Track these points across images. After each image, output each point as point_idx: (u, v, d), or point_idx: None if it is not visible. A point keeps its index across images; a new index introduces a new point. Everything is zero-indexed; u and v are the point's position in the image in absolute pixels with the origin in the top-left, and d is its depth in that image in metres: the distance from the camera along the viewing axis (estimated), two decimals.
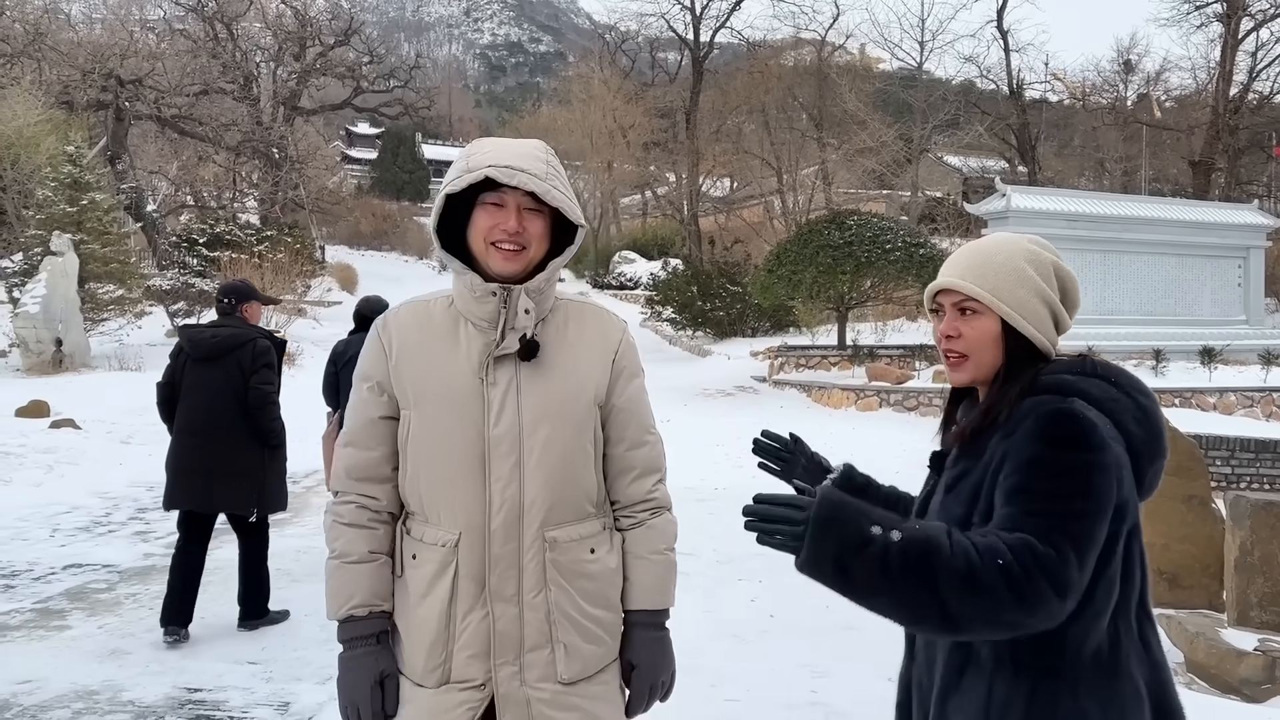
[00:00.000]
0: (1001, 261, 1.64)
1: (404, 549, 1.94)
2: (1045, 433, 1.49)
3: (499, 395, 1.87)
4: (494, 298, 1.87)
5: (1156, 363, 17.07)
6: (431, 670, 1.87)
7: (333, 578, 1.92)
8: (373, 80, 37.62)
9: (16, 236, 18.77)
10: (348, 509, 1.93)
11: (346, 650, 1.89)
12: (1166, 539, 5.81)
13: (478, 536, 1.85)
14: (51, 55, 27.47)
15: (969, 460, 1.62)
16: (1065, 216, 19.14)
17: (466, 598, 1.86)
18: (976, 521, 1.55)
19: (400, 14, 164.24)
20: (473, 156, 1.87)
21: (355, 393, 1.97)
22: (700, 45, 34.35)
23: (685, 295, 24.43)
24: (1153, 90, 37.44)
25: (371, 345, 1.96)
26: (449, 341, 1.91)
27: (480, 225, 1.87)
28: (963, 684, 1.58)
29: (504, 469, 1.85)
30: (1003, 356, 1.63)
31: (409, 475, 1.92)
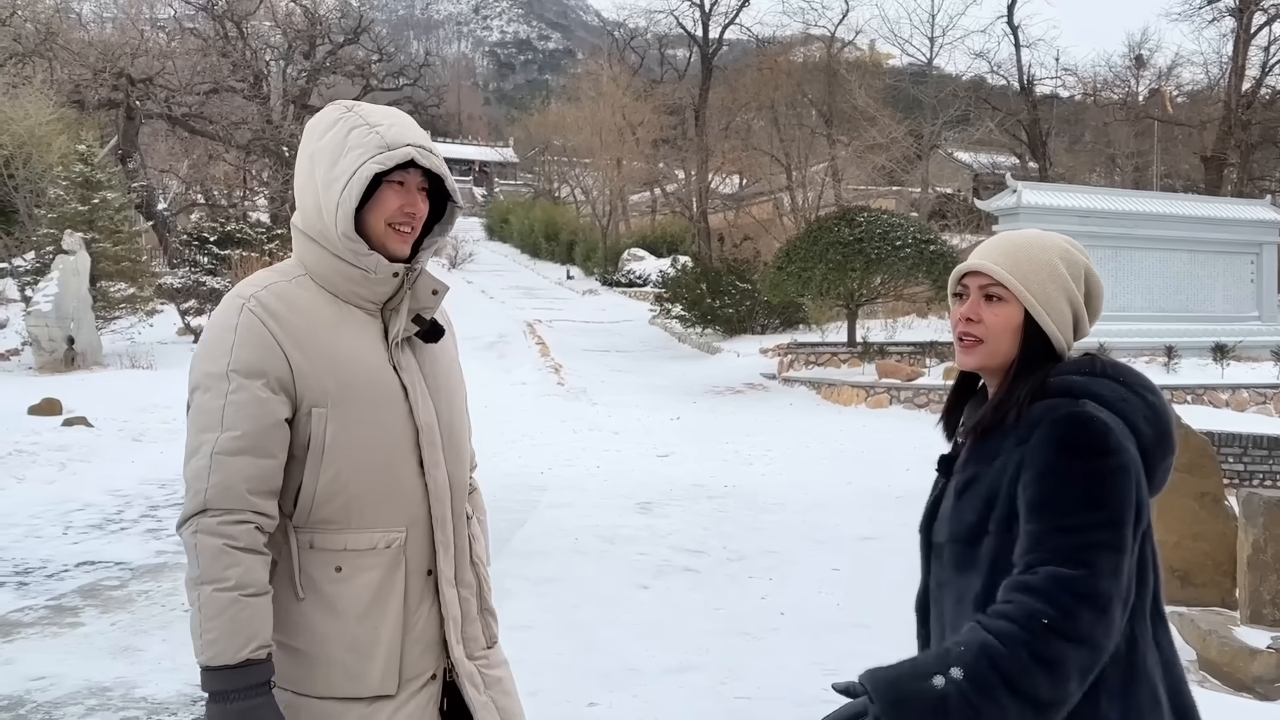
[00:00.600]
0: (1036, 254, 1.62)
1: (312, 564, 1.73)
2: (1061, 439, 1.47)
3: (413, 380, 1.82)
4: (395, 279, 1.80)
5: (1168, 359, 17.01)
6: (389, 677, 1.76)
7: (228, 614, 1.61)
8: (382, 78, 37.68)
9: (29, 235, 18.85)
10: (243, 530, 1.64)
11: (239, 700, 1.60)
12: (1179, 536, 5.79)
13: (422, 529, 1.80)
14: (63, 54, 27.60)
15: (979, 464, 1.59)
16: (1076, 213, 19.06)
17: (415, 592, 1.80)
18: (993, 530, 1.53)
19: (409, 12, 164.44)
20: (382, 129, 1.76)
21: (239, 392, 1.67)
22: (709, 42, 34.30)
23: (694, 292, 24.40)
24: (1164, 85, 37.25)
25: (252, 335, 1.70)
26: (342, 327, 1.78)
27: (389, 205, 1.77)
28: None
29: (434, 455, 1.82)
30: (1018, 349, 1.61)
31: (328, 480, 1.72)
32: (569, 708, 4.18)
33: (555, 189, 58.00)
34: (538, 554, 6.93)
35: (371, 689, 1.74)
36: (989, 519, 1.54)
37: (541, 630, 5.22)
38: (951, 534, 1.60)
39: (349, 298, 1.80)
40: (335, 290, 1.80)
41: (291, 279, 1.80)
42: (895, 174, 31.82)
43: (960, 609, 1.58)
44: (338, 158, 1.76)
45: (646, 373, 19.81)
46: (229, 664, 1.60)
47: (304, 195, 1.83)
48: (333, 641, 1.73)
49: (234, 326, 1.71)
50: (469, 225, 58.39)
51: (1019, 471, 1.50)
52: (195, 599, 1.63)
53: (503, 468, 10.52)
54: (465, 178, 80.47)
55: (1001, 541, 1.52)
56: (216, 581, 1.62)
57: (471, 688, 1.86)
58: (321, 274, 1.80)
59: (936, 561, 1.66)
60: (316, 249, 1.80)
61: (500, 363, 19.95)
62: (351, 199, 1.73)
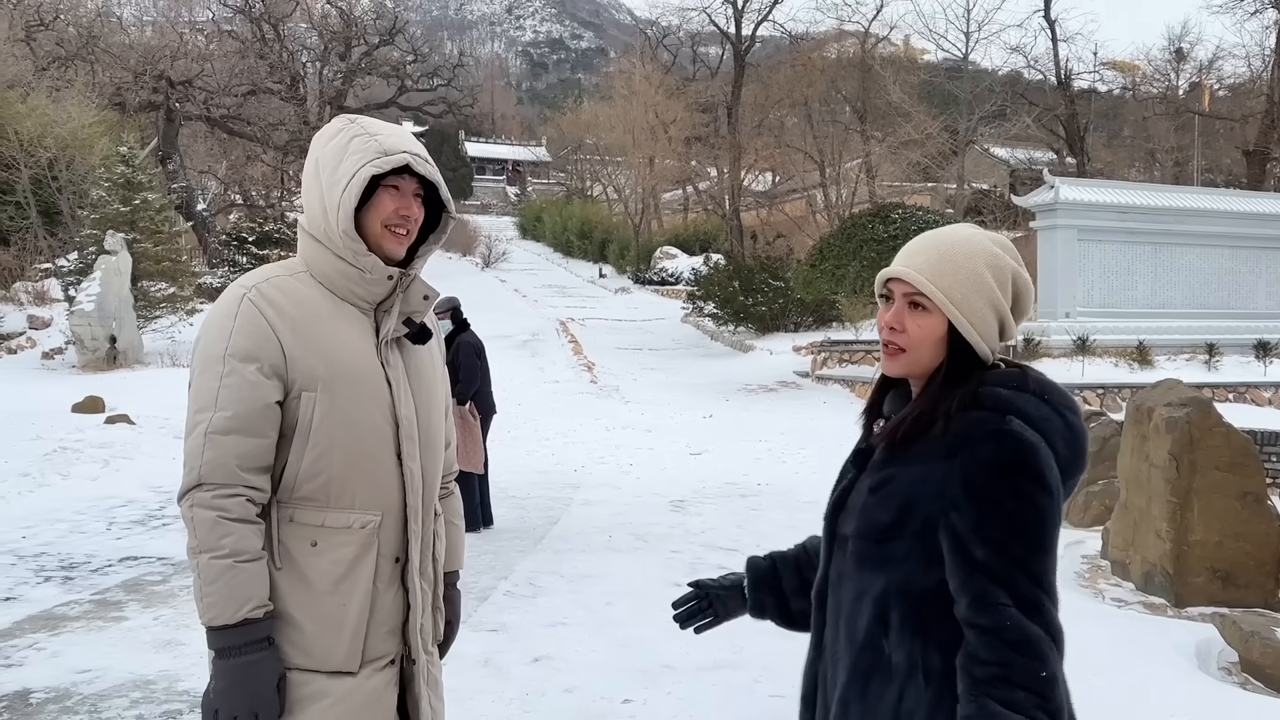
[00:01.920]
0: (961, 262, 1.59)
1: (290, 537, 1.86)
2: (995, 461, 1.48)
3: (398, 376, 1.94)
4: (390, 281, 1.92)
5: (1210, 357, 16.75)
6: (353, 654, 1.86)
7: (224, 579, 1.76)
8: (417, 79, 37.94)
9: (72, 236, 19.18)
10: (235, 503, 1.79)
11: (240, 655, 1.76)
12: (1221, 536, 5.71)
13: (395, 516, 1.92)
14: (104, 58, 28.04)
15: (898, 465, 1.59)
16: (1115, 208, 18.80)
17: (384, 576, 1.91)
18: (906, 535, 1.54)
19: (443, 12, 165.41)
20: (381, 137, 1.90)
21: (232, 375, 1.80)
22: (742, 39, 34.19)
23: (727, 290, 24.34)
24: (1205, 79, 36.65)
25: (250, 323, 1.83)
26: (336, 321, 1.90)
27: (385, 209, 1.90)
28: (869, 690, 1.57)
29: (412, 448, 1.93)
30: (943, 357, 1.60)
31: (312, 460, 1.84)
32: (604, 704, 4.20)
33: (588, 187, 58.07)
34: (572, 551, 6.96)
35: (335, 663, 1.85)
36: (903, 524, 1.55)
37: (576, 627, 5.24)
38: (860, 530, 1.61)
39: (345, 295, 1.92)
40: (333, 287, 1.92)
41: (293, 274, 1.93)
42: (930, 170, 31.56)
43: (859, 605, 1.60)
44: (339, 162, 1.88)
45: (679, 371, 19.80)
46: (228, 623, 1.76)
47: (310, 198, 1.94)
48: (303, 611, 1.84)
49: (234, 314, 1.84)
50: (502, 224, 58.61)
51: (943, 485, 1.51)
52: (195, 566, 1.78)
53: (536, 465, 10.57)
54: (498, 177, 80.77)
55: (912, 548, 1.54)
56: (212, 550, 1.76)
57: (421, 681, 1.98)
58: (322, 271, 1.93)
59: (839, 553, 1.66)
60: (319, 248, 1.92)
61: (533, 361, 20.03)
62: (351, 198, 1.85)
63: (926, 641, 1.53)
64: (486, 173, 79.42)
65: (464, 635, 5.05)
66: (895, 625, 1.56)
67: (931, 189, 32.34)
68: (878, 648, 1.58)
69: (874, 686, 1.57)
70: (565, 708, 4.16)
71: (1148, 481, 6.03)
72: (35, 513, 7.91)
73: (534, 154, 75.62)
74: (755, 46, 35.93)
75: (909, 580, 1.54)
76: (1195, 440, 5.78)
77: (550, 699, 4.25)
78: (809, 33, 36.60)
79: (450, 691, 4.25)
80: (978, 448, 1.49)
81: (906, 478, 1.56)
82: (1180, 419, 5.82)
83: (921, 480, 1.54)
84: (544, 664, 4.67)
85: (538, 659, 4.73)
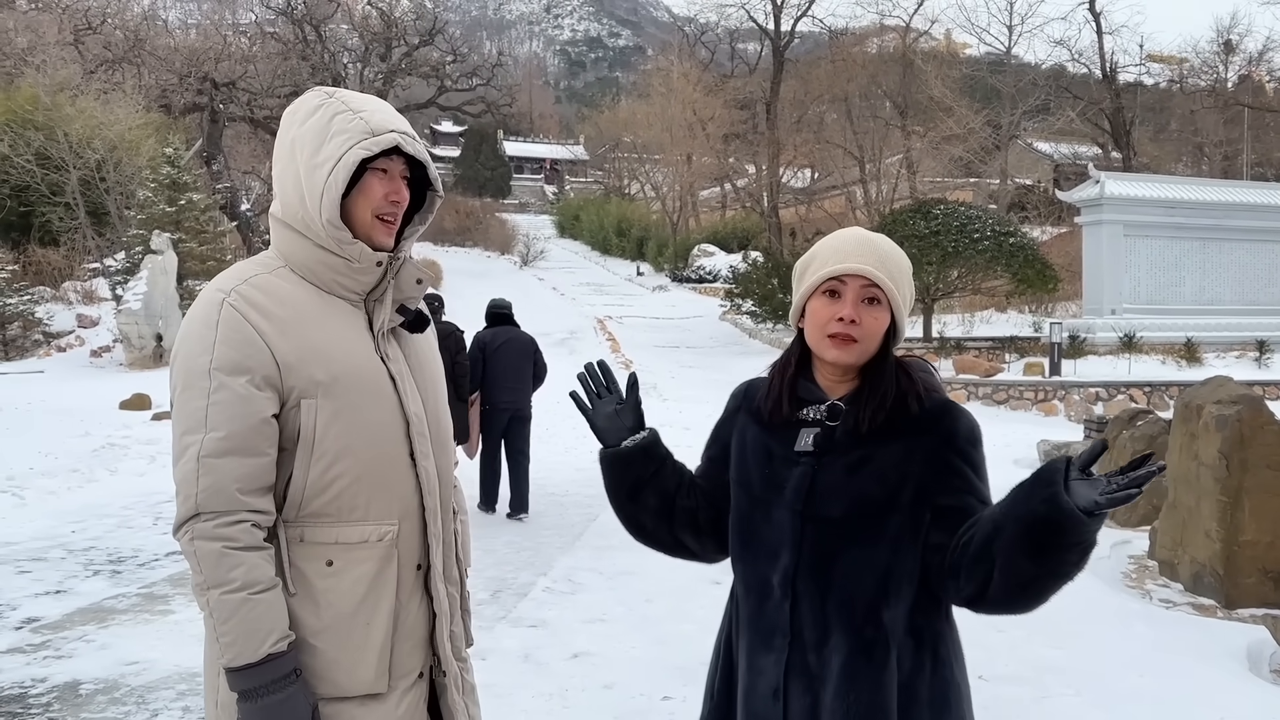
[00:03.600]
0: (900, 260, 1.76)
1: (302, 558, 1.69)
2: (970, 432, 1.71)
3: (400, 371, 1.80)
4: (379, 268, 1.76)
5: (1260, 354, 16.42)
6: (381, 675, 1.72)
7: (241, 614, 1.59)
8: (456, 79, 38.12)
9: (119, 236, 19.52)
10: (240, 530, 1.61)
11: (270, 695, 1.60)
12: (1273, 537, 5.60)
13: (414, 522, 1.78)
14: (150, 61, 28.50)
15: (873, 444, 1.69)
16: (1162, 203, 18.48)
17: (406, 587, 1.77)
18: (902, 505, 1.66)
19: (482, 12, 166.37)
20: (366, 114, 1.73)
21: (221, 391, 1.62)
22: (781, 35, 34.00)
23: (765, 288, 24.23)
24: (1255, 71, 35.91)
25: (234, 331, 1.64)
26: (327, 318, 1.73)
27: (375, 195, 1.74)
28: (874, 659, 1.65)
29: (424, 446, 1.80)
30: (880, 347, 1.74)
31: (320, 471, 1.68)
32: (643, 701, 4.19)
33: (625, 185, 58.15)
34: (610, 548, 6.96)
35: (363, 687, 1.70)
36: (896, 496, 1.67)
37: (616, 624, 5.25)
38: (851, 508, 1.68)
39: (331, 288, 1.76)
40: (317, 281, 1.75)
41: (271, 270, 1.75)
42: (973, 165, 31.24)
43: (855, 581, 1.66)
44: (321, 143, 1.71)
45: (717, 369, 19.75)
46: (250, 662, 1.59)
47: (284, 183, 1.77)
48: (324, 638, 1.68)
49: (215, 323, 1.65)
50: (540, 223, 58.85)
51: (930, 454, 1.67)
52: (205, 604, 1.62)
53: (575, 462, 10.59)
54: (536, 175, 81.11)
55: (908, 518, 1.66)
56: (223, 585, 1.59)
57: (455, 691, 1.85)
58: (303, 264, 1.75)
59: (818, 534, 1.69)
60: (298, 239, 1.75)
61: (571, 359, 20.07)
62: (338, 185, 1.69)
63: (914, 605, 1.67)
64: (525, 171, 79.78)
65: (504, 631, 5.09)
66: (893, 593, 1.66)
67: (974, 184, 32.01)
68: (878, 619, 1.66)
69: (877, 655, 1.65)
70: (605, 704, 4.16)
71: (1197, 480, 5.91)
72: (84, 508, 8.06)
73: (572, 152, 75.85)
74: (794, 42, 35.72)
75: (907, 548, 1.66)
76: (1246, 438, 5.66)
77: (590, 695, 4.25)
78: (849, 28, 36.39)
79: (490, 686, 4.27)
80: (956, 423, 1.71)
81: (890, 454, 1.69)
82: (1231, 417, 5.70)
83: (907, 453, 1.68)
84: (583, 660, 4.67)
85: (577, 655, 4.74)
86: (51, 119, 19.22)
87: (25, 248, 19.60)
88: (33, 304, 17.42)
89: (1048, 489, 1.45)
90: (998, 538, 1.52)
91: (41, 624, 5.18)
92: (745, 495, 1.79)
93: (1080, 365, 15.86)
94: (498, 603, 5.64)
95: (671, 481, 1.92)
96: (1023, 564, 1.49)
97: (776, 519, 1.73)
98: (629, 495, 1.93)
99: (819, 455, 1.72)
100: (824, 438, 1.73)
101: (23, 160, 18.78)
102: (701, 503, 1.91)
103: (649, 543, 1.99)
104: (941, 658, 1.70)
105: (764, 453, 1.78)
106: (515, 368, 8.04)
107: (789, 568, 1.70)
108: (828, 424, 1.73)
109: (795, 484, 1.72)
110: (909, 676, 1.66)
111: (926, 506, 1.66)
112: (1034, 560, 1.48)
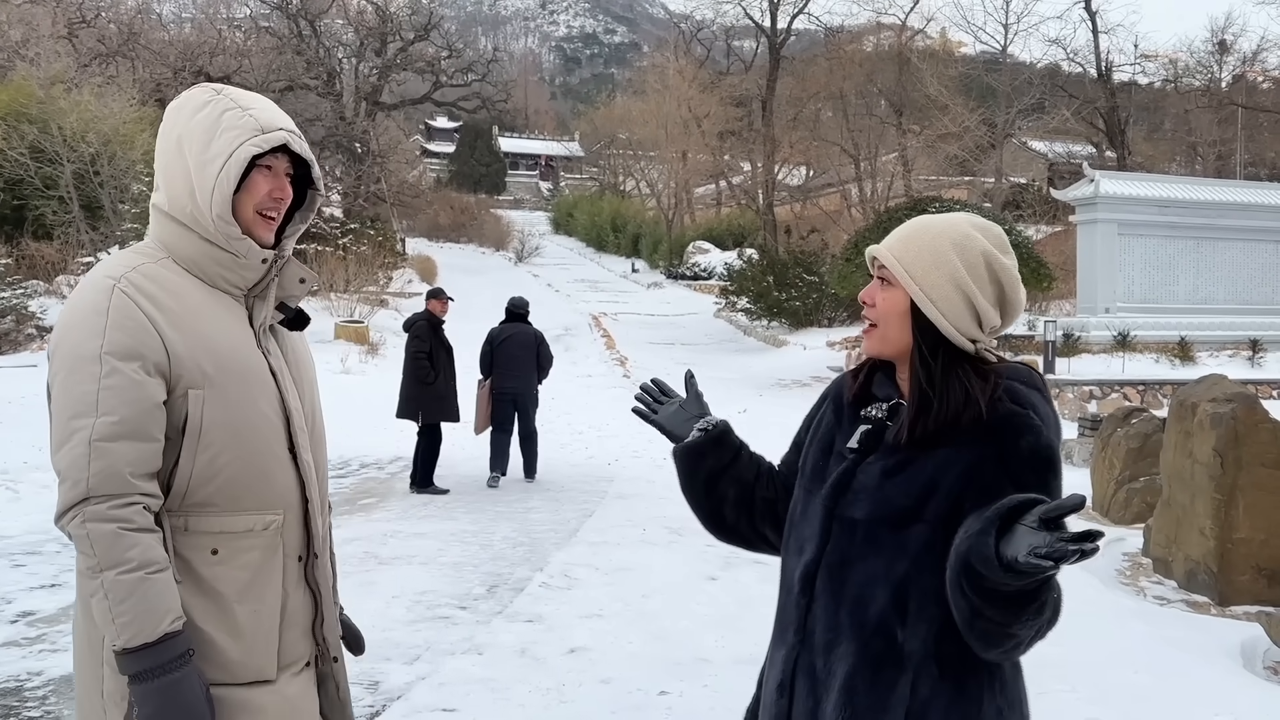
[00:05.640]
0: (927, 240, 1.60)
1: (187, 547, 1.70)
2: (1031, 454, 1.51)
3: (280, 366, 1.83)
4: (264, 265, 1.79)
5: (1253, 353, 16.49)
6: (270, 662, 1.75)
7: (138, 593, 1.58)
8: (451, 74, 38.10)
9: (113, 230, 19.46)
10: (134, 511, 1.61)
11: (166, 674, 1.59)
12: (1267, 534, 5.62)
13: (296, 513, 1.81)
14: (144, 54, 28.42)
15: (917, 449, 1.56)
16: (1156, 202, 18.53)
17: (291, 576, 1.80)
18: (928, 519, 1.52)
19: (478, 8, 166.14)
20: (255, 111, 1.77)
21: (113, 376, 1.62)
22: (777, 32, 34.00)
23: (761, 285, 24.27)
24: (1249, 71, 36.01)
25: (127, 317, 1.65)
26: (211, 311, 1.76)
27: (259, 191, 1.77)
28: (880, 677, 1.54)
29: (304, 440, 1.84)
30: (910, 336, 1.59)
31: (205, 462, 1.70)
32: (640, 696, 4.20)
33: (620, 182, 58.11)
34: (607, 544, 6.97)
35: (250, 673, 1.72)
36: (924, 508, 1.53)
37: (613, 619, 5.25)
38: (874, 513, 1.57)
39: (215, 282, 1.78)
40: (202, 274, 1.77)
41: (156, 261, 1.76)
42: (968, 164, 31.28)
43: (870, 590, 1.55)
44: (211, 139, 1.73)
45: (712, 365, 19.77)
46: (148, 641, 1.59)
47: (171, 178, 1.78)
48: (212, 624, 1.69)
49: (105, 309, 1.65)
50: (535, 219, 58.81)
51: (972, 469, 1.51)
52: (98, 588, 1.60)
53: (570, 459, 10.60)
54: (532, 172, 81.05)
55: (934, 534, 1.51)
56: (119, 565, 1.59)
57: (344, 677, 1.90)
58: (188, 257, 1.76)
59: (842, 536, 1.61)
60: (184, 232, 1.76)
61: (566, 355, 20.08)
62: (229, 180, 1.71)
63: (942, 629, 1.51)
64: (520, 168, 79.73)
65: (501, 626, 5.09)
66: (913, 612, 1.53)
67: (969, 183, 32.06)
68: (890, 635, 1.54)
69: (885, 674, 1.54)
70: (602, 698, 4.17)
71: (1191, 478, 5.93)
72: None
73: (567, 149, 75.83)
74: (790, 40, 35.73)
75: (929, 565, 1.51)
76: (1241, 436, 5.68)
77: (587, 689, 4.26)
78: (845, 26, 36.40)
79: (487, 681, 4.28)
80: (1017, 439, 1.51)
81: (930, 461, 1.55)
82: (1225, 414, 5.73)
83: (947, 464, 1.53)
84: (580, 655, 4.68)
85: (574, 650, 4.74)
86: (45, 112, 19.15)
87: (18, 241, 19.52)
88: (26, 298, 17.33)
89: (979, 525, 1.35)
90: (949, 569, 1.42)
91: (36, 618, 5.17)
92: (799, 484, 1.75)
93: (1074, 363, 15.90)
94: (494, 598, 5.64)
95: (749, 471, 1.86)
96: (959, 599, 1.40)
97: (811, 512, 1.68)
98: (706, 488, 1.86)
99: (864, 454, 1.65)
100: (872, 436, 1.65)
101: (16, 154, 18.70)
102: (781, 494, 1.83)
103: (731, 539, 1.90)
104: (969, 693, 1.53)
105: (827, 443, 1.72)
106: (517, 359, 9.23)
107: (810, 564, 1.64)
108: (884, 423, 1.65)
109: (834, 479, 1.66)
110: (924, 705, 1.52)
111: (956, 522, 1.50)
112: (965, 598, 1.38)
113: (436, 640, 4.87)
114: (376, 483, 9.19)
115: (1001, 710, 1.55)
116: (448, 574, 6.10)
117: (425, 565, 6.27)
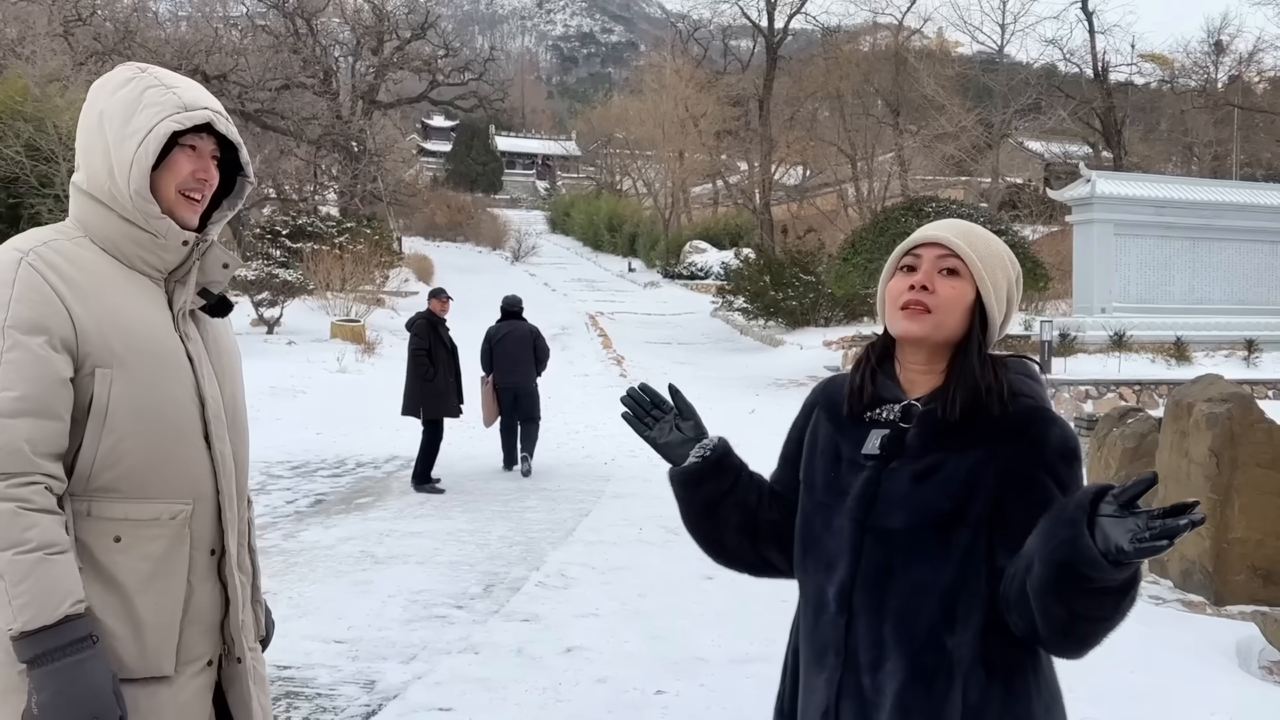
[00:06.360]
0: (992, 243, 1.64)
1: (89, 533, 1.63)
2: (1061, 447, 1.53)
3: (198, 352, 1.77)
4: (185, 247, 1.74)
5: (1249, 353, 16.52)
6: (168, 658, 1.68)
7: (36, 574, 1.51)
8: (448, 73, 38.06)
9: None
10: (34, 491, 1.55)
11: (65, 657, 1.52)
12: (1262, 534, 5.63)
13: (208, 505, 1.74)
14: (141, 53, 28.31)
15: (947, 450, 1.54)
16: (1152, 203, 18.56)
17: (199, 570, 1.73)
18: (970, 522, 1.51)
19: (474, 7, 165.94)
20: (179, 90, 1.72)
21: (16, 350, 1.57)
22: (774, 32, 33.98)
23: (757, 285, 24.27)
24: (1245, 71, 36.07)
25: (33, 290, 1.60)
26: (126, 291, 1.70)
27: (181, 171, 1.72)
28: (934, 690, 1.51)
29: (220, 429, 1.77)
30: (964, 331, 1.59)
31: (110, 445, 1.64)
32: (636, 695, 4.20)
33: (617, 182, 58.10)
34: (603, 543, 6.97)
35: (147, 669, 1.65)
36: (966, 511, 1.51)
37: (609, 618, 5.25)
38: (913, 521, 1.53)
39: (133, 262, 1.73)
40: (119, 254, 1.72)
41: (71, 238, 1.71)
42: (964, 164, 31.31)
43: (917, 600, 1.52)
44: (131, 115, 1.69)
45: (708, 365, 19.78)
46: (47, 624, 1.52)
47: (91, 154, 1.74)
48: (110, 614, 1.62)
49: (10, 282, 1.60)
50: (532, 218, 58.78)
51: (1008, 467, 1.51)
52: None
53: (567, 458, 10.61)
54: (528, 171, 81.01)
55: (976, 536, 1.51)
56: (17, 544, 1.52)
57: (249, 679, 1.82)
58: (105, 236, 1.72)
59: (878, 547, 1.55)
60: (101, 210, 1.72)
61: (563, 355, 20.07)
62: (148, 155, 1.67)
63: (986, 631, 1.50)
64: (516, 167, 79.69)
65: (497, 625, 5.09)
66: (960, 618, 1.51)
67: (965, 183, 32.10)
68: (940, 644, 1.51)
69: (937, 686, 1.51)
70: (598, 698, 4.17)
71: (1187, 478, 5.94)
72: None
73: (564, 148, 75.80)
74: (787, 39, 35.73)
75: (976, 569, 1.50)
76: (1236, 436, 5.70)
77: (583, 689, 4.26)
78: (842, 25, 36.42)
79: (483, 680, 4.28)
80: (1046, 432, 1.53)
81: (964, 463, 1.52)
82: (1221, 414, 5.74)
83: (980, 464, 1.52)
84: (576, 654, 4.68)
85: (570, 649, 4.74)
86: (41, 110, 19.11)
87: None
88: None
89: (1068, 529, 1.31)
90: (1029, 577, 1.39)
91: None
92: (809, 498, 1.68)
93: (1070, 363, 15.92)
94: (491, 597, 5.64)
95: (751, 494, 1.79)
96: (1054, 608, 1.37)
97: (837, 527, 1.61)
98: (705, 513, 1.80)
99: (885, 460, 1.58)
100: (892, 441, 1.59)
101: (11, 152, 18.65)
102: (785, 515, 1.75)
103: (731, 564, 1.84)
104: (1017, 691, 1.52)
105: (833, 454, 1.66)
106: (514, 355, 9.77)
107: (845, 581, 1.58)
108: (900, 426, 1.60)
109: (858, 490, 1.59)
110: (977, 711, 1.50)
111: (997, 524, 1.50)
112: (1064, 605, 1.36)
113: (433, 639, 4.87)
114: (373, 482, 9.18)
115: (1048, 706, 1.56)
116: (444, 573, 6.10)
117: (421, 564, 6.27)
